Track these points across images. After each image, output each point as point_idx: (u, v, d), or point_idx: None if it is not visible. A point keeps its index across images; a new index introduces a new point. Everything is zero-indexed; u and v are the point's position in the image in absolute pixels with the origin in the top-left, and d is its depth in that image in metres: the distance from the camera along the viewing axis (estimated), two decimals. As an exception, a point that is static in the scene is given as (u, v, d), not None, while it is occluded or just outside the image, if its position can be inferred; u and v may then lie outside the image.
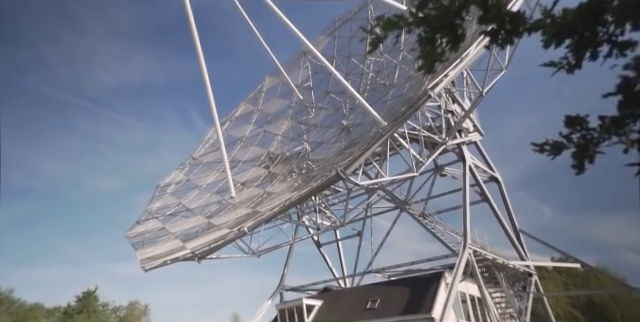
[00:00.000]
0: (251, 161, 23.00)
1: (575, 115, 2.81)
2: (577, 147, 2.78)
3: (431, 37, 2.87)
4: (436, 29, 2.81)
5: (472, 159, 20.86)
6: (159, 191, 22.77)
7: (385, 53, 24.52)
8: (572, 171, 2.96)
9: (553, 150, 2.85)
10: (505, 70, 17.63)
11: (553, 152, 2.86)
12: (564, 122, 2.83)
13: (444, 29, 2.79)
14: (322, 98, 25.53)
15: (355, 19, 26.36)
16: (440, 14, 2.73)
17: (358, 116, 22.67)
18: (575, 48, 2.68)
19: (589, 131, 2.77)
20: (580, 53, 2.69)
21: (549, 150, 2.88)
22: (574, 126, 2.81)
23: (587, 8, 2.56)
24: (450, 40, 2.85)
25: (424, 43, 2.88)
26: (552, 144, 2.85)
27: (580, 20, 2.56)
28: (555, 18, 2.63)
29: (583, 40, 2.63)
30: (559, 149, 2.84)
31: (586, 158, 2.79)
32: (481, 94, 17.53)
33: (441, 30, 2.79)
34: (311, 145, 22.81)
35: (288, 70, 25.64)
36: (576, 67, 2.78)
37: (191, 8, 16.72)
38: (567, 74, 2.78)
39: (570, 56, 2.73)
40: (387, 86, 23.46)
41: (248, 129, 25.34)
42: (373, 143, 15.94)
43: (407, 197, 23.30)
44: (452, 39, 2.83)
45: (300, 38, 17.22)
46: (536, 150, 2.99)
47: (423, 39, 2.88)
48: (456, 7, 2.68)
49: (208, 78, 16.63)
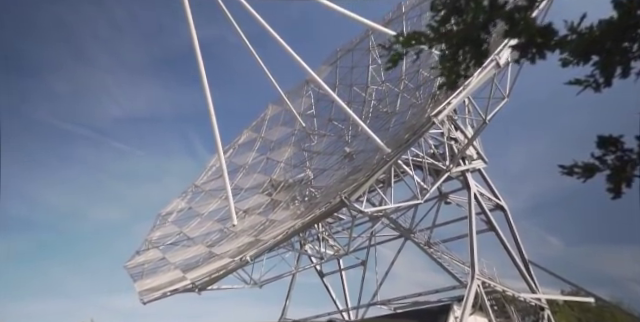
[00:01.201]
0: (253, 188, 22.77)
1: (608, 135, 2.66)
2: (612, 169, 2.60)
3: (454, 53, 2.77)
4: (459, 44, 2.72)
5: (477, 187, 20.60)
6: (160, 220, 22.41)
7: (387, 82, 24.93)
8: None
9: (585, 173, 2.67)
10: (507, 98, 17.73)
11: (585, 175, 2.68)
12: (597, 143, 2.67)
13: (468, 44, 2.70)
14: (325, 125, 25.66)
15: (356, 49, 27.00)
16: (464, 29, 2.64)
17: (361, 143, 22.67)
18: (603, 65, 2.57)
19: (625, 152, 2.60)
20: (609, 71, 2.57)
21: (580, 173, 2.70)
22: (608, 147, 2.64)
23: (617, 23, 2.46)
24: (474, 55, 2.75)
25: (446, 59, 2.79)
26: (583, 166, 2.68)
27: (609, 36, 2.46)
28: (582, 34, 2.54)
29: (611, 57, 2.52)
30: (592, 172, 2.66)
31: (623, 181, 2.60)
32: (484, 122, 17.55)
33: (464, 45, 2.70)
34: (314, 172, 22.66)
35: (291, 98, 25.96)
36: (606, 85, 2.66)
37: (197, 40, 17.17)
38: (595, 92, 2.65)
39: (597, 74, 2.61)
40: (389, 114, 23.63)
41: (251, 156, 25.31)
42: (377, 169, 15.79)
43: (411, 225, 22.84)
44: (477, 54, 2.73)
45: (303, 67, 17.52)
46: (564, 173, 2.81)
47: (445, 55, 2.78)
48: (481, 21, 2.60)
49: (212, 107, 16.78)
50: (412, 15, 24.99)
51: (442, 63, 2.82)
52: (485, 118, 17.44)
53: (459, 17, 2.70)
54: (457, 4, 2.61)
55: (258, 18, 18.05)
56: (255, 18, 18.10)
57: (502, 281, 18.97)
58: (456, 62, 2.79)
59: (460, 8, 2.60)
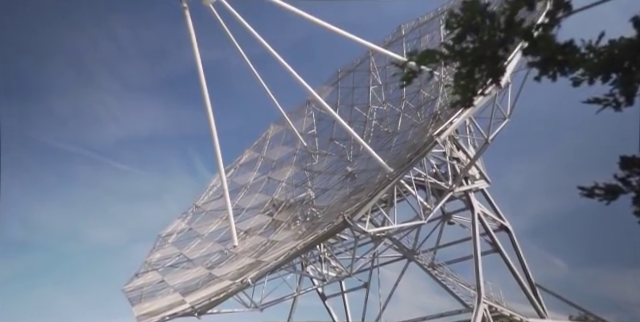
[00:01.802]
0: (254, 208, 22.54)
1: (632, 156, 2.56)
2: (638, 192, 2.49)
3: (470, 70, 2.72)
4: (475, 62, 2.67)
5: (480, 207, 20.36)
6: (160, 241, 22.07)
7: (388, 102, 25.11)
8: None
9: (608, 195, 2.56)
10: (508, 119, 17.74)
11: (608, 197, 2.57)
12: (619, 164, 2.57)
13: (484, 62, 2.65)
14: (326, 145, 25.67)
15: (357, 70, 27.35)
16: (480, 47, 2.60)
17: (362, 162, 22.59)
18: (623, 84, 2.51)
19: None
20: (629, 89, 2.51)
21: (602, 195, 2.59)
22: (632, 168, 2.54)
23: (637, 41, 2.42)
24: (491, 73, 2.70)
25: (461, 77, 2.73)
26: (606, 188, 2.57)
27: (629, 54, 2.41)
28: (600, 52, 2.49)
29: (631, 75, 2.46)
30: (615, 194, 2.56)
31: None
32: (487, 141, 17.51)
33: (480, 63, 2.66)
34: (315, 192, 22.48)
35: (292, 118, 26.09)
36: (627, 104, 2.59)
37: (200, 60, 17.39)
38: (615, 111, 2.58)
39: (617, 93, 2.55)
40: (390, 133, 23.68)
41: (252, 176, 25.19)
42: (380, 189, 15.64)
43: (415, 246, 22.45)
44: (493, 72, 2.68)
45: (304, 86, 17.67)
46: (585, 195, 2.70)
47: (460, 73, 2.74)
48: (500, 39, 2.56)
49: (214, 127, 16.81)
50: (411, 37, 25.45)
51: (457, 81, 2.78)
52: (487, 138, 17.41)
53: (475, 35, 2.67)
54: (472, 22, 2.59)
55: (260, 40, 18.32)
56: (257, 40, 18.37)
57: (509, 305, 18.45)
58: (472, 80, 2.74)
59: (476, 26, 2.58)
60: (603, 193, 2.59)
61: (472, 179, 20.33)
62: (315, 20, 18.56)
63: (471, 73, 2.73)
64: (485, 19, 2.56)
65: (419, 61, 2.87)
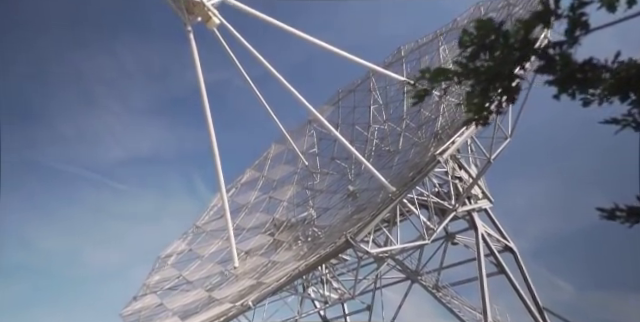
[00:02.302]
0: (256, 228, 22.27)
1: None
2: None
3: (485, 88, 2.70)
4: (490, 80, 2.65)
5: (484, 227, 20.11)
6: (159, 263, 21.68)
7: (389, 121, 25.26)
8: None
9: (631, 217, 2.46)
10: (510, 138, 17.77)
11: (630, 220, 2.48)
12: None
13: (500, 80, 2.63)
14: (327, 164, 25.64)
15: (358, 90, 27.66)
16: (495, 65, 2.59)
17: (364, 181, 22.49)
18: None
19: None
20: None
21: (624, 217, 2.50)
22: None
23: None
24: (506, 91, 2.67)
25: (474, 95, 2.71)
26: (628, 210, 2.48)
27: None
28: (617, 72, 2.47)
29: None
30: (638, 216, 2.46)
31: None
32: (489, 161, 17.46)
33: (495, 81, 2.64)
34: (317, 211, 22.28)
35: (294, 137, 26.17)
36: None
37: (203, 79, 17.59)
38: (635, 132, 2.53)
39: (637, 113, 2.51)
40: (392, 152, 23.69)
41: (253, 195, 25.03)
42: (383, 208, 15.49)
43: (418, 267, 22.05)
44: (508, 90, 2.66)
45: (306, 105, 17.77)
46: (604, 217, 2.61)
47: (473, 91, 2.71)
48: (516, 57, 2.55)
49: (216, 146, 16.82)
50: (411, 58, 25.87)
51: (470, 99, 2.76)
52: (490, 157, 17.39)
53: (489, 53, 2.67)
54: (487, 40, 2.59)
55: (263, 61, 18.57)
56: (260, 61, 18.62)
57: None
58: (486, 98, 2.72)
59: (490, 44, 2.57)
60: (625, 215, 2.50)
61: (475, 199, 20.18)
62: (316, 41, 18.90)
63: (485, 91, 2.71)
64: (499, 37, 2.56)
65: (432, 79, 2.85)
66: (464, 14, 23.05)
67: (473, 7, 22.39)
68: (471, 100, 2.78)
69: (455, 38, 23.83)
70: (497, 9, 20.57)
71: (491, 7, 21.08)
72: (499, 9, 20.48)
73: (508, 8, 19.59)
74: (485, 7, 21.52)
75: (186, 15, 16.96)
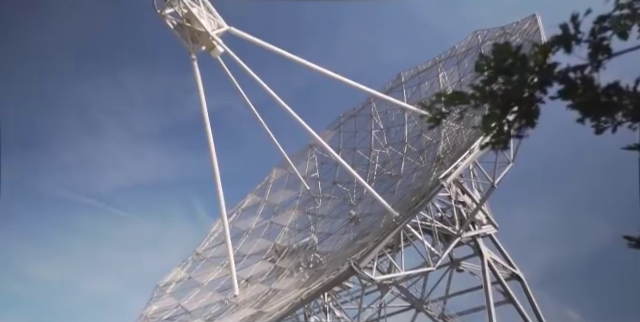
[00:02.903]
0: (256, 255, 21.84)
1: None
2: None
3: (504, 112, 2.68)
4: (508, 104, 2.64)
5: (489, 254, 19.71)
6: (158, 291, 21.08)
7: (390, 145, 25.36)
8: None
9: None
10: (512, 163, 17.72)
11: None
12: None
13: (519, 103, 2.62)
14: (329, 188, 25.51)
15: (359, 115, 27.94)
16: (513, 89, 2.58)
17: (366, 206, 22.31)
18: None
19: None
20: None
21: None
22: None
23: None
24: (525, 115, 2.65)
25: (490, 119, 2.69)
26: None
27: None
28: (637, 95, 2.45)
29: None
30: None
31: None
32: (492, 185, 17.34)
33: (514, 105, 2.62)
34: (319, 236, 21.95)
35: (295, 162, 26.17)
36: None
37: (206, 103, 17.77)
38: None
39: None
40: (394, 177, 23.63)
41: (254, 221, 24.73)
42: (387, 234, 15.24)
43: (423, 295, 21.44)
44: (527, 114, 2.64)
45: (307, 130, 17.85)
46: (632, 246, 2.53)
47: (490, 115, 2.70)
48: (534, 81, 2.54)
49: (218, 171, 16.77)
50: (411, 84, 26.31)
51: (486, 123, 2.74)
52: (493, 182, 17.27)
53: (507, 77, 2.67)
54: (504, 65, 2.60)
55: (265, 87, 18.72)
56: (262, 87, 18.80)
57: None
58: (507, 122, 2.70)
59: (507, 68, 2.58)
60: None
61: (479, 224, 19.91)
62: (317, 68, 19.25)
63: (503, 115, 2.70)
64: (517, 61, 2.57)
65: (448, 102, 2.84)
66: (462, 42, 23.65)
67: (471, 35, 22.99)
68: (488, 124, 2.76)
69: (454, 65, 24.35)
70: (495, 38, 21.13)
71: (488, 36, 21.66)
72: (496, 38, 21.04)
73: (505, 37, 20.13)
74: (482, 36, 22.10)
75: (191, 44, 17.34)
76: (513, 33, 19.64)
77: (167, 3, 16.47)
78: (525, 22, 18.94)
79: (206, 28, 16.72)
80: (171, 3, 16.48)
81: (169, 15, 16.77)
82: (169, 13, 16.74)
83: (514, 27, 19.83)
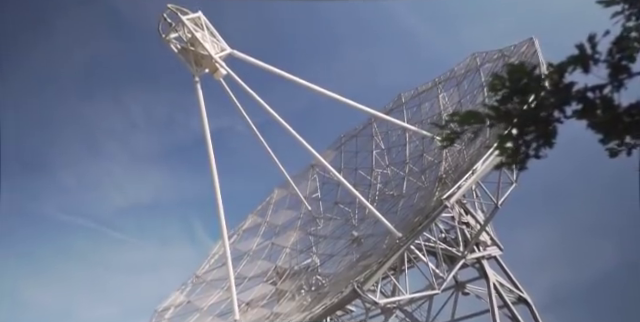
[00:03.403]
0: (257, 277, 21.41)
1: None
2: None
3: (521, 132, 2.66)
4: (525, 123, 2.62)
5: (495, 276, 19.28)
6: (156, 317, 20.51)
7: (391, 165, 25.34)
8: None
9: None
10: (515, 183, 17.60)
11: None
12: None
13: (535, 124, 2.60)
14: (331, 209, 25.32)
15: (360, 135, 28.07)
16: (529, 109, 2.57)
17: (369, 227, 22.05)
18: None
19: None
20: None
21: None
22: None
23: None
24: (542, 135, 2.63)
25: (507, 139, 2.66)
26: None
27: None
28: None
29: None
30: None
31: None
32: (496, 206, 17.16)
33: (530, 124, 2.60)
34: (321, 258, 21.58)
35: (296, 182, 26.07)
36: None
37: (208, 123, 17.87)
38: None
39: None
40: (396, 197, 23.48)
41: (255, 242, 24.39)
42: (391, 255, 14.99)
43: (428, 319, 20.84)
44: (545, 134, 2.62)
45: (308, 149, 17.87)
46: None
47: (506, 135, 2.68)
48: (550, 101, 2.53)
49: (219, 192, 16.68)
50: (411, 105, 26.57)
51: (502, 143, 2.71)
52: (497, 203, 17.10)
53: (522, 97, 2.67)
54: (519, 84, 2.60)
55: (267, 108, 18.85)
56: (264, 108, 18.92)
57: None
58: (524, 142, 2.67)
59: (523, 88, 2.58)
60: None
61: (484, 245, 19.60)
62: (318, 89, 19.49)
63: (521, 135, 2.67)
64: (532, 81, 2.57)
65: (462, 121, 2.83)
66: (461, 64, 24.05)
67: (469, 58, 23.40)
68: (504, 144, 2.73)
69: (453, 86, 24.69)
70: (493, 60, 21.50)
71: (487, 58, 22.04)
72: (495, 60, 21.41)
73: (503, 59, 20.48)
74: (481, 58, 22.50)
75: (194, 67, 17.63)
76: (511, 55, 19.99)
77: (172, 28, 16.88)
78: (523, 45, 19.32)
79: (209, 52, 17.03)
80: (176, 28, 16.89)
81: (173, 39, 17.15)
82: (173, 38, 17.13)
83: (512, 50, 20.21)
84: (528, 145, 2.69)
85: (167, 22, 16.82)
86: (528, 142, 2.69)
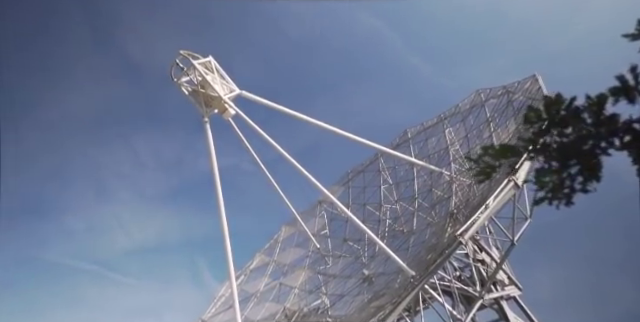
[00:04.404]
0: (265, 320, 20.47)
1: None
2: None
3: (564, 165, 2.56)
4: (568, 156, 2.52)
5: (516, 319, 18.27)
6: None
7: (400, 201, 25.00)
8: None
9: None
10: (530, 219, 17.12)
11: None
12: None
13: (579, 156, 2.50)
14: (340, 246, 24.70)
15: (367, 171, 27.98)
16: (572, 141, 2.48)
17: (380, 264, 21.36)
18: None
19: None
20: None
21: None
22: None
23: None
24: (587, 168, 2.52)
25: (546, 172, 2.55)
26: None
27: None
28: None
29: None
30: None
31: None
32: (512, 243, 16.57)
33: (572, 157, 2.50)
34: (331, 298, 20.72)
35: (304, 219, 25.67)
36: None
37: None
38: None
39: None
40: (406, 233, 22.93)
41: (263, 282, 23.57)
42: (405, 295, 14.33)
43: (446, 365, 19.56)
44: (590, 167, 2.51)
45: (316, 185, 17.68)
46: None
47: (545, 168, 2.57)
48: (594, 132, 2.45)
49: (227, 232, 16.37)
50: (417, 140, 26.68)
51: (540, 176, 2.60)
52: (513, 239, 16.53)
53: (560, 129, 2.59)
54: (558, 117, 2.53)
55: (276, 146, 18.83)
56: (272, 145, 18.92)
57: None
58: (569, 175, 2.56)
59: (562, 120, 2.51)
60: None
61: (501, 285, 18.74)
62: (325, 126, 19.70)
63: (564, 168, 2.56)
64: (571, 113, 2.51)
65: (498, 155, 2.73)
66: (465, 100, 24.40)
67: (473, 94, 23.79)
68: (542, 177, 2.62)
69: (459, 122, 24.89)
70: (497, 96, 21.81)
71: (491, 94, 22.38)
72: (499, 96, 21.73)
73: (508, 95, 20.78)
74: (485, 94, 22.85)
75: (204, 108, 18.03)
76: (515, 92, 20.29)
77: (184, 72, 17.49)
78: (526, 82, 19.66)
79: (219, 93, 17.49)
80: (187, 72, 17.50)
81: (184, 83, 17.70)
82: (184, 81, 17.70)
83: (516, 86, 20.54)
84: (573, 179, 2.57)
85: (179, 66, 17.43)
86: (573, 176, 2.57)
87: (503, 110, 20.44)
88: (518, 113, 18.85)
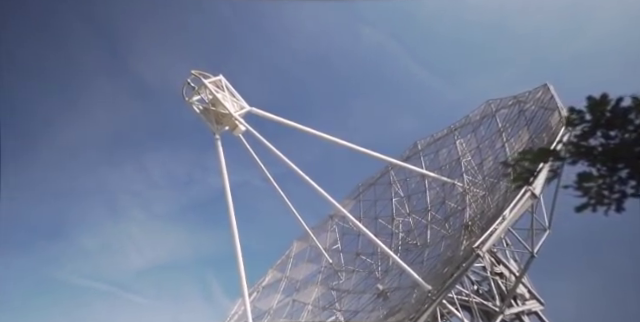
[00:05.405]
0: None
1: None
2: None
3: (612, 169, 2.43)
4: (616, 160, 2.40)
5: (539, 336, 17.62)
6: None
7: (412, 213, 24.62)
8: None
9: None
10: (549, 230, 16.66)
11: None
12: None
13: (628, 160, 2.37)
14: (352, 260, 24.29)
15: (378, 184, 27.72)
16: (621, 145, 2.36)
17: (394, 279, 20.90)
18: None
19: None
20: None
21: None
22: None
23: None
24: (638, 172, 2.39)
25: (592, 178, 2.43)
26: None
27: None
28: None
29: None
30: None
31: None
32: (532, 255, 16.07)
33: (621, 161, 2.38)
34: (345, 315, 20.25)
35: (316, 234, 25.40)
36: None
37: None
38: None
39: None
40: (420, 246, 22.50)
41: (276, 299, 23.16)
42: (423, 311, 13.90)
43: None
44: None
45: (328, 199, 17.50)
46: None
47: (589, 173, 2.44)
48: None
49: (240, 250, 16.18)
50: (428, 152, 26.46)
51: (583, 182, 2.47)
52: (532, 251, 16.05)
53: (607, 131, 2.47)
54: (603, 118, 2.42)
55: (286, 161, 18.72)
56: (283, 161, 18.82)
57: None
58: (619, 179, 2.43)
59: (609, 122, 2.40)
60: None
61: (522, 299, 18.15)
62: (334, 139, 19.67)
63: (611, 172, 2.43)
64: (619, 114, 2.40)
65: (535, 159, 2.62)
66: (475, 111, 24.25)
67: (484, 104, 23.64)
68: (585, 182, 2.48)
69: (470, 132, 24.66)
70: (508, 106, 21.63)
71: (501, 104, 22.22)
72: (509, 106, 21.54)
73: (519, 105, 20.60)
74: (495, 104, 22.70)
75: (215, 125, 18.17)
76: (527, 101, 20.12)
77: (195, 91, 17.74)
78: (538, 91, 19.50)
79: (229, 110, 17.66)
80: (198, 91, 17.74)
81: (196, 101, 17.92)
82: (196, 100, 17.92)
83: (527, 96, 20.39)
84: (624, 183, 2.43)
85: (190, 86, 17.69)
86: (624, 180, 2.44)
87: (515, 120, 20.22)
88: (531, 123, 18.63)
